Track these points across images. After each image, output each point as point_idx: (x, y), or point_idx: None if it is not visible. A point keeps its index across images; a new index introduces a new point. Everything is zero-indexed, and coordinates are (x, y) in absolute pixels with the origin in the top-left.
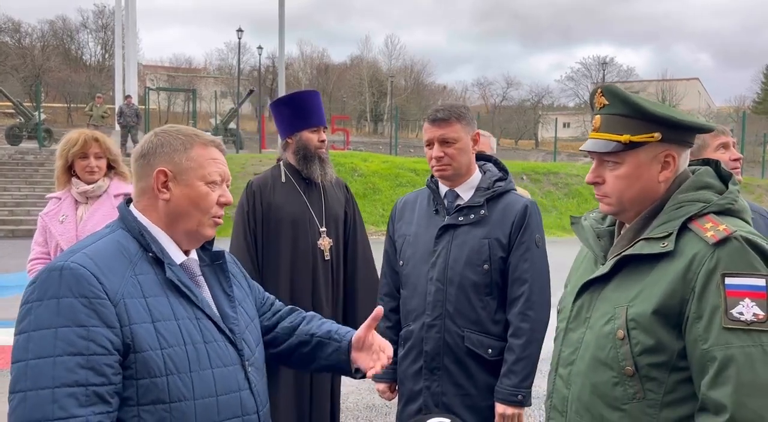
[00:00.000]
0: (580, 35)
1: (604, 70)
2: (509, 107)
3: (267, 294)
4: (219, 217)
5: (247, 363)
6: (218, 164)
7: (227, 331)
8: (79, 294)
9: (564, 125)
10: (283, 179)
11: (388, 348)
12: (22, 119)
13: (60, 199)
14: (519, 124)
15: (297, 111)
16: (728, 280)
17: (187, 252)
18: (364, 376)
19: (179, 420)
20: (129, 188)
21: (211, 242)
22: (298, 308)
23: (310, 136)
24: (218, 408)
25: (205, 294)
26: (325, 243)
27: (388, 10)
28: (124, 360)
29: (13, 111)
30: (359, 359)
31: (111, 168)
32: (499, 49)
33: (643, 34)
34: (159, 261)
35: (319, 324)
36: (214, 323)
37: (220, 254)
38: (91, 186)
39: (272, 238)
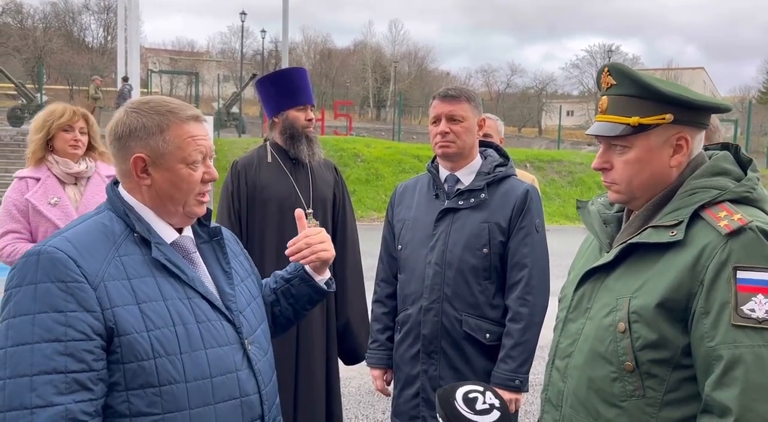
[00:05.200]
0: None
1: (609, 58)
2: (513, 94)
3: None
4: (204, 194)
5: (246, 341)
6: (197, 141)
7: (224, 309)
8: (56, 278)
9: (568, 113)
10: (269, 159)
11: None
12: (24, 101)
13: (39, 179)
14: (523, 111)
15: (283, 89)
16: (740, 274)
17: (180, 230)
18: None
19: (171, 404)
20: (113, 170)
21: (207, 217)
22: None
23: (297, 115)
24: (213, 390)
25: (201, 272)
26: (311, 225)
27: (381, 2)
28: (109, 345)
29: (15, 92)
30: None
31: (91, 148)
32: (491, 41)
33: (630, 26)
34: (146, 241)
35: (272, 280)
36: (209, 302)
37: (218, 230)
38: (83, 166)
39: (257, 219)
